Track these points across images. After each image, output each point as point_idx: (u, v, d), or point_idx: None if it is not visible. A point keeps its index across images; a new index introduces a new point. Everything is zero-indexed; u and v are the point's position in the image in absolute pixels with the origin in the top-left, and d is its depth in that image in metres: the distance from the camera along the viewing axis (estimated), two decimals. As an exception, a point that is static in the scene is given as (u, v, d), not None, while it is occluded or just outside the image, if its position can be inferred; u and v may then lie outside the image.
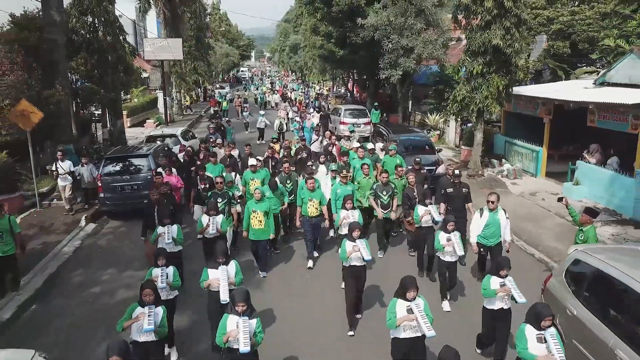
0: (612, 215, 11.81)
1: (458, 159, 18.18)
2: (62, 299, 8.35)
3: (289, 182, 10.20)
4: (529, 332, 4.83)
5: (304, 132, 19.03)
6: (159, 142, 15.04)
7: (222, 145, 14.11)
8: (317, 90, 44.31)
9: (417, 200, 8.89)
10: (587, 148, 13.66)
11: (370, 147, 12.71)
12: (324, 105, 30.10)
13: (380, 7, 20.85)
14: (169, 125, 26.09)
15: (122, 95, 22.07)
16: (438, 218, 8.34)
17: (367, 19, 20.62)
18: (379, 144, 14.47)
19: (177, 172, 11.80)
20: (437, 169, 13.65)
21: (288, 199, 9.93)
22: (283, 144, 14.61)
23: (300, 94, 39.88)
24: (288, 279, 8.93)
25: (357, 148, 12.12)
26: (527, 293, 7.23)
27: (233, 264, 6.37)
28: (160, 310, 5.42)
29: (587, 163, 13.29)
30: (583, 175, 13.19)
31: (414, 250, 9.64)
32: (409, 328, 5.34)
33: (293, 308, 7.84)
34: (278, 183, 9.61)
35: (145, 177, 11.96)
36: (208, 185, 9.85)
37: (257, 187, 9.16)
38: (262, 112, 23.21)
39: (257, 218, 8.51)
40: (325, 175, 10.62)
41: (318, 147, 15.40)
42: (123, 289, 8.51)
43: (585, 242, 6.92)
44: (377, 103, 24.97)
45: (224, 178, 9.66)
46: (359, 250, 6.70)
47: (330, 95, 41.53)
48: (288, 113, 25.27)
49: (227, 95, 41.19)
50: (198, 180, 10.42)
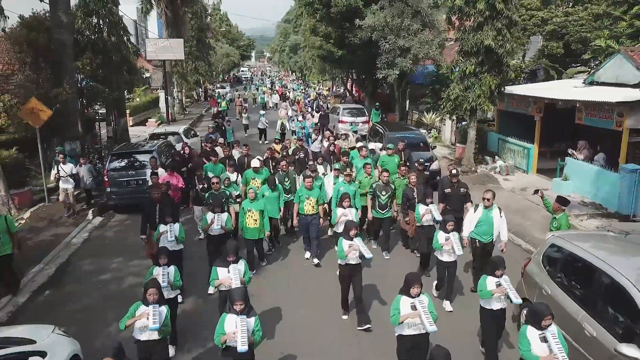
0: (598, 209, 12.31)
1: (453, 157, 18.68)
2: (73, 285, 8.88)
3: (287, 180, 10.27)
4: (531, 333, 4.82)
5: (305, 131, 19.31)
6: (162, 139, 15.55)
7: (223, 145, 14.20)
8: (316, 90, 44.70)
9: (416, 201, 8.90)
10: (575, 145, 14.15)
11: (372, 147, 12.81)
12: (323, 105, 30.55)
13: (378, 8, 21.29)
14: (171, 124, 26.56)
15: (125, 95, 22.54)
16: (438, 217, 8.32)
17: (364, 20, 21.07)
18: (378, 144, 14.68)
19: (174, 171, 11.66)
20: (430, 165, 14.12)
21: (285, 198, 9.93)
22: (282, 144, 14.61)
23: (299, 94, 40.30)
24: (286, 278, 8.93)
25: (359, 148, 12.07)
26: (510, 279, 7.74)
27: (242, 263, 6.39)
28: (164, 310, 5.40)
29: (575, 159, 13.79)
30: (571, 171, 13.68)
31: (412, 251, 9.69)
32: (413, 325, 5.37)
33: (292, 306, 7.85)
34: (277, 182, 9.66)
35: (150, 172, 12.40)
36: (206, 186, 9.89)
37: (251, 186, 9.21)
38: (262, 112, 23.35)
39: (252, 217, 8.58)
40: (323, 175, 10.67)
41: (318, 146, 15.56)
42: (131, 276, 9.00)
43: (559, 229, 7.39)
44: (378, 103, 25.45)
45: (221, 178, 9.66)
46: (358, 249, 6.75)
47: (330, 95, 41.98)
48: (288, 112, 25.67)
49: (227, 95, 41.56)
50: (196, 181, 10.49)
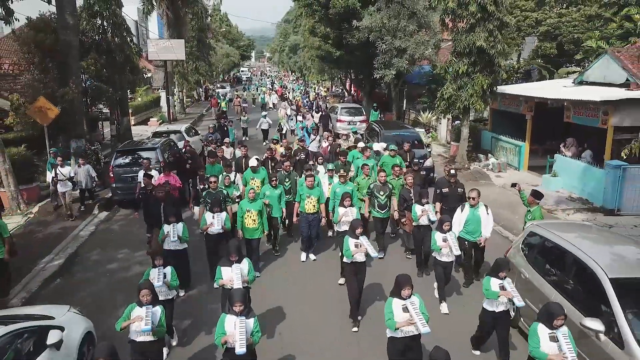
0: (584, 204, 12.82)
1: (448, 155, 19.17)
2: (82, 274, 9.37)
3: (288, 180, 10.27)
4: (541, 331, 4.84)
5: (304, 132, 19.36)
6: (164, 137, 16.01)
7: (228, 145, 14.30)
8: (315, 91, 45.09)
9: (413, 201, 8.90)
10: (564, 142, 14.65)
11: (377, 148, 12.72)
12: (321, 106, 30.95)
13: (375, 9, 21.78)
14: (172, 124, 27.01)
15: (128, 94, 23.02)
16: (433, 218, 8.36)
17: (362, 21, 21.56)
18: (382, 144, 14.35)
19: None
20: (424, 162, 14.59)
21: (286, 198, 9.89)
22: (283, 144, 14.42)
23: (299, 94, 40.66)
24: (285, 276, 9.00)
25: (363, 148, 11.94)
26: (492, 258, 8.17)
27: (246, 262, 6.37)
28: (159, 310, 5.38)
29: (563, 156, 14.29)
30: (560, 168, 14.18)
31: (411, 253, 9.68)
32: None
33: (291, 306, 7.87)
34: (277, 180, 9.66)
35: (154, 168, 12.88)
36: (207, 186, 9.79)
37: (251, 187, 9.18)
38: (264, 112, 23.42)
39: (251, 217, 8.59)
40: (324, 175, 10.66)
41: (316, 146, 15.73)
42: (137, 265, 9.47)
43: (532, 220, 7.89)
44: (375, 104, 25.91)
45: (221, 178, 9.73)
46: (365, 249, 6.80)
47: (328, 95, 42.42)
48: (287, 112, 26.02)
49: (227, 95, 41.90)
50: (198, 181, 10.60)
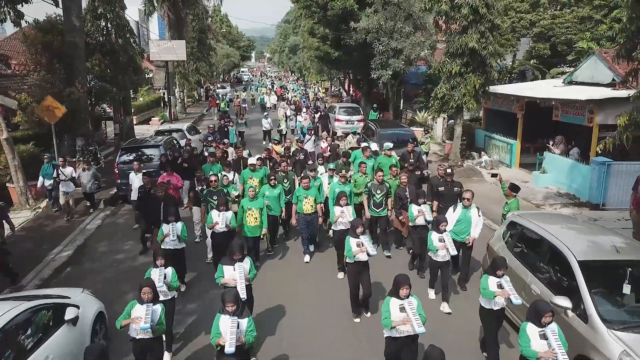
0: (571, 199, 13.32)
1: (443, 153, 19.68)
2: (91, 263, 9.90)
3: (286, 181, 10.36)
4: (531, 330, 4.89)
5: (300, 132, 19.71)
6: (167, 135, 16.53)
7: (227, 146, 14.48)
8: (314, 91, 45.49)
9: (408, 200, 8.97)
10: (553, 140, 15.16)
11: (375, 148, 12.88)
12: (319, 106, 31.40)
13: (372, 11, 22.28)
14: (173, 123, 27.50)
15: (131, 94, 23.53)
16: (430, 218, 8.39)
17: (359, 23, 22.09)
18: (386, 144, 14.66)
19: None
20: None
21: (285, 198, 9.95)
22: (283, 144, 14.68)
23: (298, 95, 41.08)
24: (286, 277, 9.08)
25: (363, 148, 12.09)
26: (480, 255, 8.71)
27: (247, 261, 6.42)
28: (159, 308, 5.43)
29: (552, 154, 14.80)
30: (549, 165, 14.70)
31: (399, 246, 9.94)
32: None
33: (291, 305, 7.95)
34: (276, 180, 9.75)
35: (157, 165, 13.36)
36: (205, 187, 9.93)
37: (250, 185, 9.32)
38: (266, 113, 23.60)
39: (252, 215, 8.67)
40: (324, 174, 10.75)
41: (311, 146, 15.92)
42: (142, 256, 9.98)
43: (509, 211, 8.37)
44: (376, 105, 26.43)
45: (218, 176, 9.83)
46: (365, 249, 6.90)
47: (327, 96, 42.91)
48: (286, 112, 26.51)
49: (227, 95, 42.32)
50: (196, 182, 10.62)
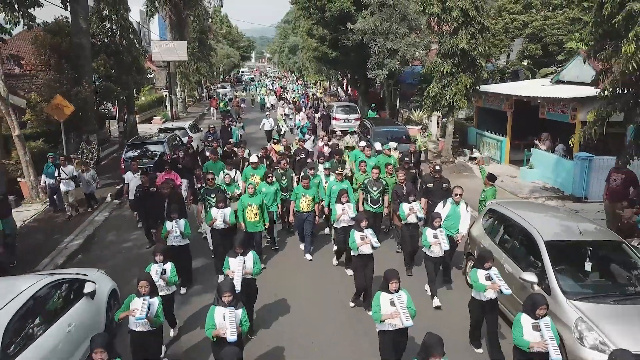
0: (556, 193, 13.98)
1: (436, 150, 20.34)
2: (100, 251, 10.55)
3: (285, 178, 10.55)
4: (525, 320, 5.08)
5: (299, 131, 19.91)
6: (169, 132, 17.18)
7: (232, 145, 14.62)
8: (312, 92, 46.00)
9: (401, 198, 9.01)
10: (539, 137, 15.82)
11: (378, 148, 13.06)
12: (318, 106, 31.94)
13: (368, 13, 22.90)
14: (175, 122, 28.12)
15: (134, 93, 24.19)
16: (421, 215, 8.55)
17: (356, 24, 22.73)
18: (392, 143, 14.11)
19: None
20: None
21: (283, 195, 10.13)
22: (283, 144, 14.69)
23: (297, 95, 41.61)
24: (285, 272, 9.32)
25: (364, 147, 12.26)
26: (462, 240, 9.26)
27: (251, 255, 6.58)
28: (156, 302, 5.56)
29: (539, 150, 15.46)
30: (536, 160, 15.36)
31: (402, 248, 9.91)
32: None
33: (290, 299, 8.15)
34: (274, 177, 9.90)
35: (154, 162, 13.51)
36: (204, 184, 10.03)
37: (251, 182, 9.52)
38: (267, 113, 23.98)
39: (252, 211, 8.86)
40: (322, 173, 10.94)
41: (310, 146, 16.25)
42: (148, 244, 10.59)
43: (486, 199, 9.03)
44: (374, 105, 27.09)
45: (215, 174, 9.99)
46: (369, 241, 7.13)
47: (325, 95, 43.53)
48: (285, 110, 27.09)
49: (227, 95, 42.87)
50: (195, 180, 10.83)
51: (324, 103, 34.62)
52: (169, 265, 6.50)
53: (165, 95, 32.88)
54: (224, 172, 10.42)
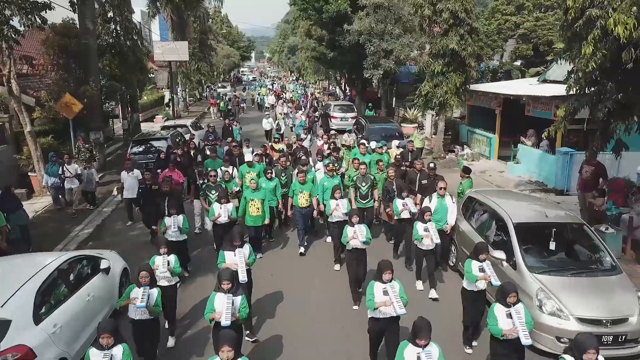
0: (540, 186, 14.73)
1: (429, 147, 21.07)
2: (110, 238, 11.30)
3: (284, 175, 10.86)
4: (498, 310, 5.34)
5: (295, 130, 20.54)
6: (172, 129, 17.94)
7: (235, 145, 14.69)
8: (310, 92, 46.59)
9: (395, 194, 9.29)
10: (525, 133, 16.56)
11: (374, 145, 13.23)
12: (315, 106, 32.61)
13: (364, 14, 23.65)
14: (176, 121, 28.81)
15: (138, 92, 24.92)
16: (414, 210, 8.79)
17: (352, 25, 23.47)
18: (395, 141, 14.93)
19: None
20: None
21: (282, 191, 10.44)
22: (283, 142, 15.17)
23: (293, 95, 42.18)
24: (283, 265, 9.62)
25: (360, 144, 12.66)
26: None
27: (247, 247, 6.84)
28: (155, 292, 5.82)
29: (525, 146, 16.20)
30: (522, 156, 16.11)
31: (392, 238, 10.26)
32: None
33: (288, 292, 8.43)
34: (273, 173, 10.28)
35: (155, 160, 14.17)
36: (206, 180, 10.28)
37: (252, 177, 9.79)
38: (267, 113, 24.62)
39: (254, 206, 9.17)
40: (320, 171, 11.19)
41: (308, 144, 16.66)
42: (150, 239, 11.16)
43: (462, 191, 9.70)
44: (371, 104, 27.82)
45: (217, 172, 10.39)
46: (357, 237, 7.43)
47: (323, 95, 44.21)
48: (283, 109, 27.77)
49: (226, 95, 43.39)
50: (197, 176, 11.15)
51: (322, 102, 35.30)
52: (173, 257, 6.74)
53: (169, 98, 33.34)
54: (222, 169, 10.83)
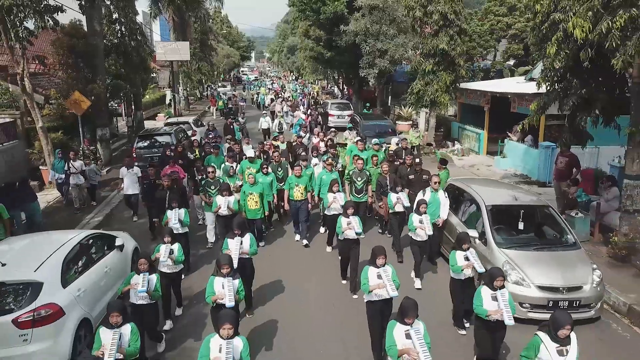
0: (524, 178, 15.56)
1: (422, 143, 21.89)
2: (120, 225, 12.11)
3: (280, 170, 11.22)
4: (485, 292, 5.65)
5: (293, 128, 21.03)
6: (175, 125, 18.74)
7: (235, 142, 14.79)
8: (308, 91, 47.31)
9: (389, 188, 9.63)
10: (511, 129, 17.38)
11: (375, 142, 13.66)
12: (314, 104, 33.35)
13: (360, 15, 24.46)
14: (179, 118, 29.61)
15: (141, 91, 25.75)
16: (407, 204, 9.06)
17: (348, 26, 24.29)
18: (395, 139, 15.68)
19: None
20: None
21: (278, 186, 10.79)
22: (280, 140, 15.21)
23: (295, 94, 42.97)
24: (280, 255, 10.09)
25: (357, 141, 12.88)
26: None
27: (248, 237, 7.16)
28: (154, 277, 6.15)
29: (511, 141, 17.03)
30: (508, 150, 16.94)
31: (384, 231, 10.76)
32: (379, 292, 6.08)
33: (285, 278, 8.87)
34: (269, 169, 10.64)
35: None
36: (205, 176, 10.60)
37: (250, 172, 10.11)
38: (265, 112, 25.32)
39: (253, 199, 9.54)
40: (319, 166, 11.53)
41: (306, 142, 16.87)
42: (152, 237, 11.64)
43: (441, 181, 10.44)
44: (368, 104, 28.66)
45: (224, 168, 10.98)
46: (353, 227, 7.78)
47: (321, 94, 45.02)
48: (283, 108, 28.55)
49: (226, 94, 44.06)
50: (195, 172, 11.43)
51: (321, 100, 36.09)
52: (177, 246, 7.12)
53: (171, 96, 34.15)
54: (226, 164, 11.36)
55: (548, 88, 9.27)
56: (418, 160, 10.66)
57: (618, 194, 9.94)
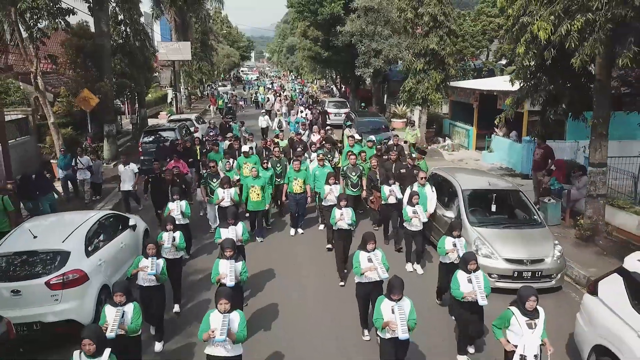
0: (508, 171, 16.44)
1: (418, 141, 22.78)
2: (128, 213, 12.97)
3: (279, 165, 11.60)
4: (461, 276, 5.98)
5: (290, 126, 21.84)
6: (178, 122, 19.62)
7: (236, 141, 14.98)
8: (306, 90, 48.15)
9: (379, 182, 10.08)
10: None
11: (372, 139, 14.17)
12: (313, 104, 34.11)
13: (356, 16, 25.37)
14: (181, 115, 30.42)
15: (145, 89, 26.64)
16: (400, 196, 9.47)
17: (345, 27, 25.19)
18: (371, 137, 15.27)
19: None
20: (388, 142, 18.13)
21: (277, 181, 11.25)
22: (279, 137, 15.43)
23: (295, 93, 43.80)
24: (278, 246, 10.52)
25: (348, 137, 13.72)
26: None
27: (241, 225, 7.65)
28: (161, 262, 6.54)
29: (497, 136, 17.94)
30: (495, 145, 17.84)
31: (377, 226, 11.05)
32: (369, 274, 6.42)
33: (282, 269, 9.24)
34: (269, 164, 10.97)
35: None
36: (207, 170, 11.18)
37: (252, 166, 10.60)
38: (263, 111, 26.14)
39: (255, 192, 10.01)
40: (311, 161, 12.10)
41: (305, 140, 17.47)
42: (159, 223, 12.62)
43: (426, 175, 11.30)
44: (364, 104, 29.52)
45: (223, 163, 11.55)
46: (343, 218, 8.20)
47: (319, 93, 45.89)
48: (282, 107, 29.41)
49: (226, 93, 44.89)
50: (200, 166, 12.21)
51: (318, 99, 36.94)
52: (178, 234, 7.56)
53: (173, 95, 34.90)
54: (223, 160, 11.93)
55: (521, 85, 10.16)
56: (414, 156, 11.32)
57: (588, 182, 10.85)
